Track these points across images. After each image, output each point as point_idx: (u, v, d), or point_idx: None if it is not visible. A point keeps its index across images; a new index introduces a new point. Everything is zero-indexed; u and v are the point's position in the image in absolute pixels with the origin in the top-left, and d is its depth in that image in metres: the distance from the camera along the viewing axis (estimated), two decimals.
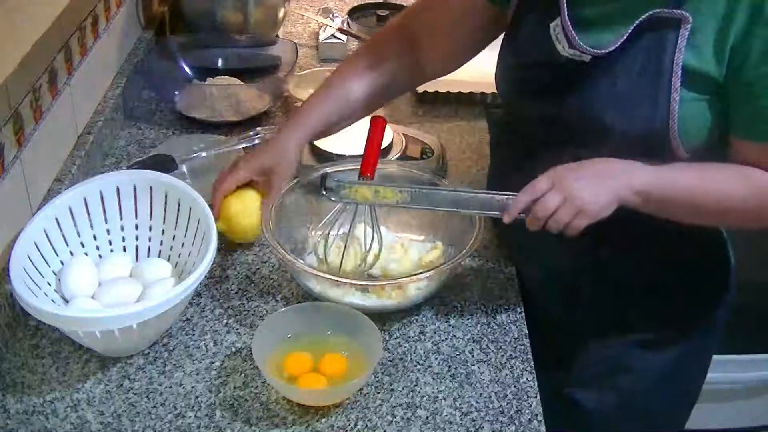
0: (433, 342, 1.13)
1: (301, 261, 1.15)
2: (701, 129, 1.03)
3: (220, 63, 1.71)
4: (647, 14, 0.99)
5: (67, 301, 1.10)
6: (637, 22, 0.99)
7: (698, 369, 1.30)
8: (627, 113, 1.02)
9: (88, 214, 1.16)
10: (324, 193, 1.12)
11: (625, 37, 1.00)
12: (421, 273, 1.13)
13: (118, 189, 1.18)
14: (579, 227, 1.00)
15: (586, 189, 0.99)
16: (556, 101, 1.08)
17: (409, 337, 1.13)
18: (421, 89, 1.64)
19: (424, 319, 1.16)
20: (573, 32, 1.04)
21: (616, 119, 1.03)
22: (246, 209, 1.22)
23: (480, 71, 1.34)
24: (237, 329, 1.14)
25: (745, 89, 0.99)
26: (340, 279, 1.12)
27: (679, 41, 0.98)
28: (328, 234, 1.19)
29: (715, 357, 1.30)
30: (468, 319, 1.16)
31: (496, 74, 1.19)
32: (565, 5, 1.05)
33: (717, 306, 1.23)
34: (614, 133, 1.04)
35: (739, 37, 0.96)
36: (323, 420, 1.01)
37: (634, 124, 1.02)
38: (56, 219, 1.12)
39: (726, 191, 1.03)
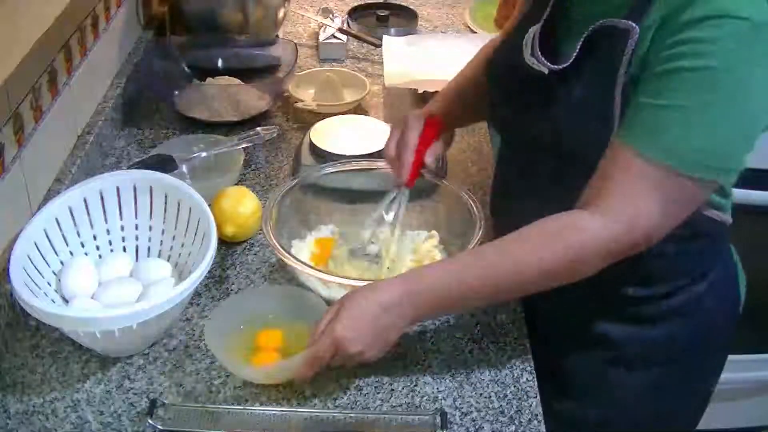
0: (433, 342, 1.13)
1: (301, 261, 1.15)
2: None
3: (220, 63, 1.71)
4: (596, 25, 0.97)
5: (67, 301, 1.10)
6: (586, 33, 0.98)
7: (705, 380, 1.27)
8: (580, 128, 1.00)
9: (88, 214, 1.16)
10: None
11: (577, 50, 0.98)
12: None
13: (118, 189, 1.18)
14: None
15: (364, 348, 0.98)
16: (524, 112, 1.08)
17: (409, 337, 1.13)
18: (421, 89, 1.64)
19: None
20: (537, 42, 1.03)
21: (571, 133, 1.01)
22: (247, 207, 1.26)
23: None
24: None
25: (637, 89, 0.95)
26: (339, 279, 1.12)
27: (625, 53, 0.95)
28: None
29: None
30: (468, 319, 1.16)
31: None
32: (548, 13, 1.05)
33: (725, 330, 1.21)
34: (571, 148, 1.02)
35: (652, 40, 0.93)
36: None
37: (586, 140, 1.00)
38: (56, 219, 1.12)
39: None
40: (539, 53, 1.03)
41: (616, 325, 1.15)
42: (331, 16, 1.93)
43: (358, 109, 1.64)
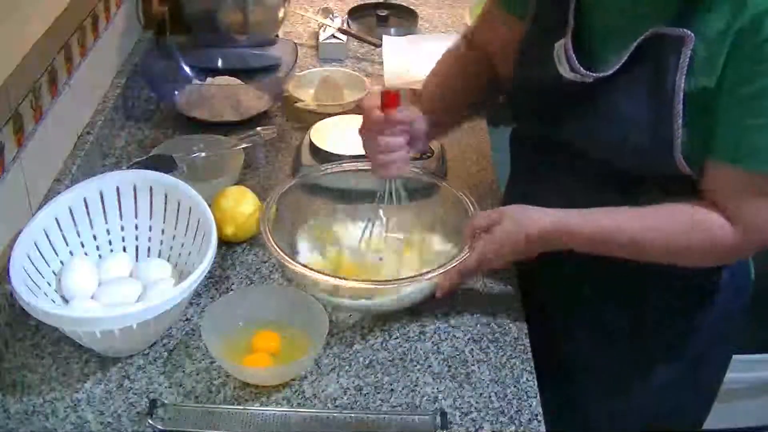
0: (433, 342, 1.13)
1: (298, 262, 1.15)
2: (706, 151, 0.99)
3: (220, 63, 1.71)
4: (648, 33, 0.96)
5: (67, 301, 1.10)
6: (636, 42, 0.97)
7: (712, 375, 1.28)
8: (628, 137, 1.00)
9: (88, 214, 1.16)
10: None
11: (625, 58, 0.98)
12: (420, 276, 1.13)
13: (118, 189, 1.18)
14: None
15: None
16: (561, 123, 1.07)
17: (409, 337, 1.13)
18: (420, 89, 1.64)
19: (424, 319, 1.16)
20: (573, 55, 1.03)
21: (617, 143, 1.01)
22: (247, 207, 1.26)
23: None
24: None
25: (728, 109, 0.95)
26: (338, 279, 1.12)
27: (681, 61, 0.95)
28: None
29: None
30: (468, 319, 1.16)
31: (508, 93, 1.18)
32: (572, 25, 1.04)
33: (731, 316, 1.22)
34: (607, 156, 1.03)
35: (729, 55, 0.93)
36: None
37: (635, 149, 1.00)
38: (56, 219, 1.12)
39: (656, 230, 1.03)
40: (580, 67, 1.02)
41: (635, 322, 1.17)
42: (331, 16, 1.93)
43: (358, 109, 1.64)
